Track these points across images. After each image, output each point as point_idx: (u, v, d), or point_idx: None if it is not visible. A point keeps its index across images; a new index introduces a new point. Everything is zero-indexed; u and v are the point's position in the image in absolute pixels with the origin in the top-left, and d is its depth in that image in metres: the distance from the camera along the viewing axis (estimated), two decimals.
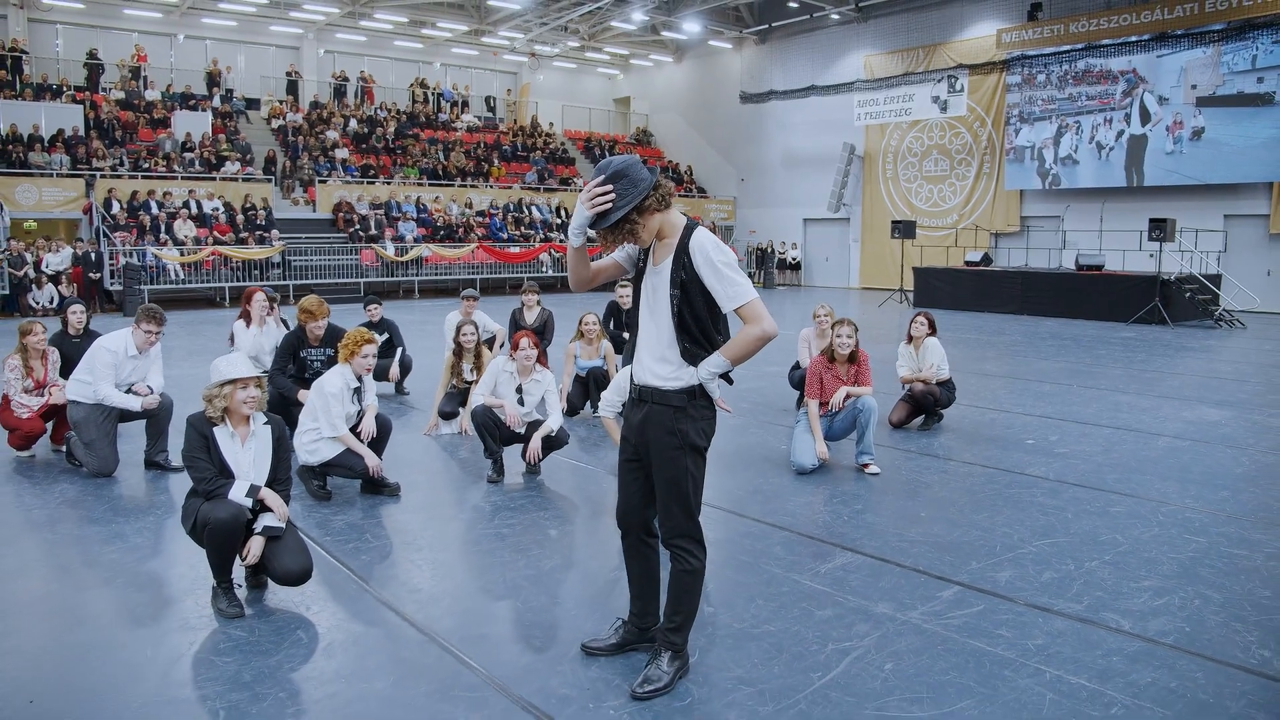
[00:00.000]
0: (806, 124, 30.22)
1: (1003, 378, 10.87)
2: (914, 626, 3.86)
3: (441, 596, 4.18)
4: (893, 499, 5.87)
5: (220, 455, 4.01)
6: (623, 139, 35.70)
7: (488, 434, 6.08)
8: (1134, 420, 8.25)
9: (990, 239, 25.46)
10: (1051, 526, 5.22)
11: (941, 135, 27.13)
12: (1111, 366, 11.80)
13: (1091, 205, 22.21)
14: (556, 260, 26.51)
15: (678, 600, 3.30)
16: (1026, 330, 16.66)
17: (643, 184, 3.04)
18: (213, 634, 3.76)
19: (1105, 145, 22.93)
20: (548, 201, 28.31)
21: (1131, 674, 3.44)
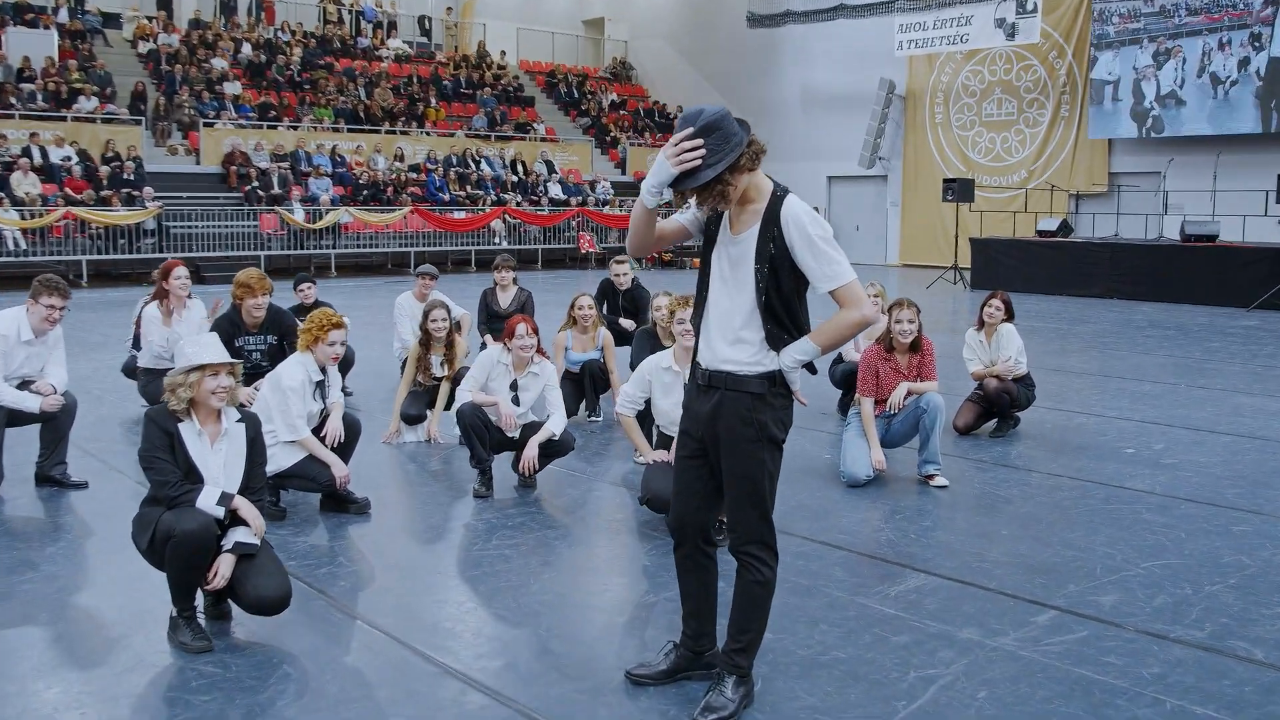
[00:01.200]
0: (833, 55, 30.83)
1: (1090, 375, 11.39)
2: (1007, 653, 4.31)
3: (448, 625, 4.58)
4: (966, 515, 6.33)
5: (187, 456, 4.39)
6: (595, 73, 36.22)
7: (476, 438, 6.49)
8: (1259, 426, 8.77)
9: (1069, 202, 26.13)
10: (1161, 547, 5.70)
11: (1008, 69, 27.80)
12: (1229, 362, 12.36)
13: (1203, 158, 22.81)
14: (514, 228, 26.93)
15: (746, 616, 3.71)
16: (1117, 318, 17.25)
17: (735, 140, 3.41)
18: (179, 671, 4.13)
19: (1225, 77, 23.48)
20: (500, 153, 28.74)
21: (1268, 705, 3.89)
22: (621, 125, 33.32)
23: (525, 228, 27.21)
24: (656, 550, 5.60)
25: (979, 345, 8.51)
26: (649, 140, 33.07)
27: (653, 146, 32.76)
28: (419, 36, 34.05)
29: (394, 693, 3.94)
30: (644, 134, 33.37)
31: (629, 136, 32.70)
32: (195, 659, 4.23)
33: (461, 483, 6.94)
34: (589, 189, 29.37)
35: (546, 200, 28.05)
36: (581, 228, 28.10)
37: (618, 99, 34.73)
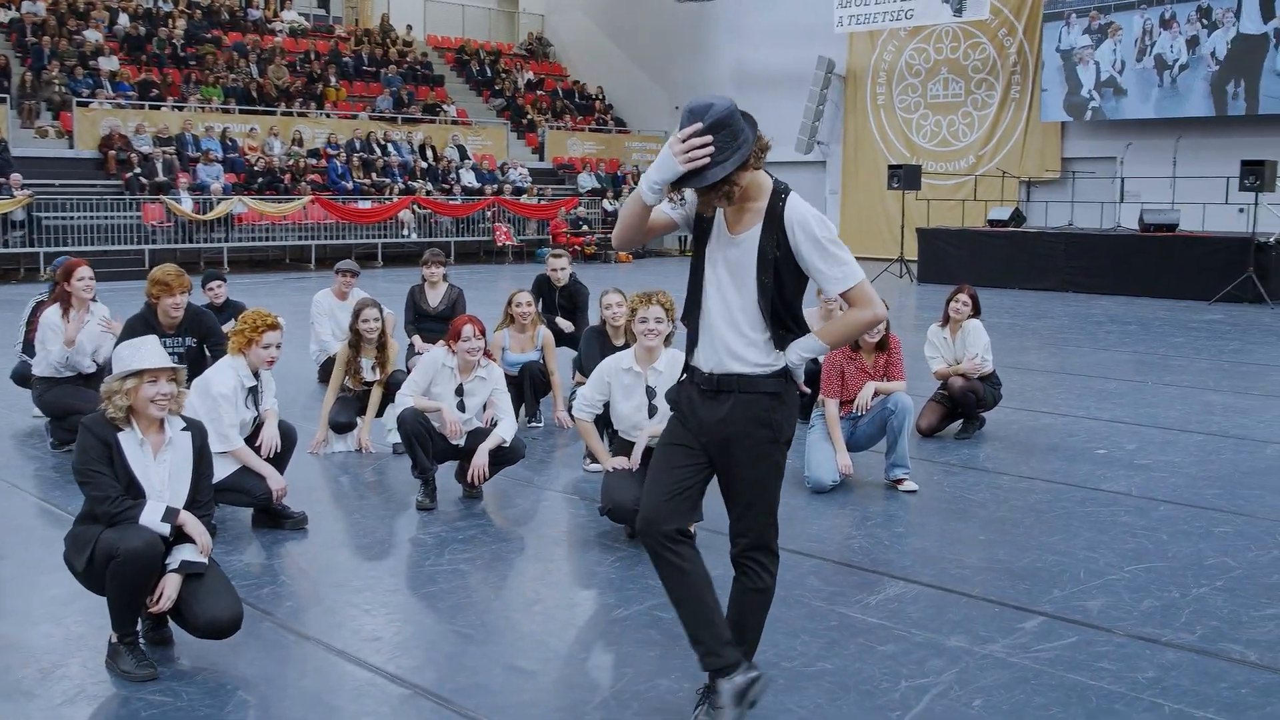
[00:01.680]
0: (768, 31, 31.23)
1: (1052, 373, 11.77)
2: (997, 660, 4.54)
3: (408, 644, 4.69)
4: (940, 520, 6.57)
5: (127, 468, 4.44)
6: (509, 49, 36.27)
7: (419, 446, 6.59)
8: (1233, 425, 9.16)
9: (1020, 189, 26.73)
10: (1144, 550, 5.98)
11: (954, 47, 28.40)
12: (1195, 358, 12.83)
13: (1162, 142, 23.48)
14: (424, 219, 26.90)
15: (744, 624, 3.87)
16: (1075, 312, 17.77)
17: (744, 138, 3.51)
18: (125, 701, 4.18)
19: (1171, 60, 24.27)
20: (408, 137, 28.68)
21: (1267, 707, 4.16)
22: (539, 107, 33.42)
23: (436, 218, 27.19)
24: (620, 562, 5.76)
25: (943, 342, 8.78)
26: (569, 123, 33.21)
27: (574, 130, 32.93)
28: (316, 9, 33.89)
29: (359, 715, 4.05)
30: (563, 116, 33.50)
31: (547, 119, 32.79)
32: (140, 688, 4.28)
33: (401, 494, 7.03)
34: (505, 176, 29.41)
35: (459, 189, 28.04)
36: (497, 218, 28.15)
37: (534, 78, 34.83)
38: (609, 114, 34.93)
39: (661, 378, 6.12)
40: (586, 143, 32.75)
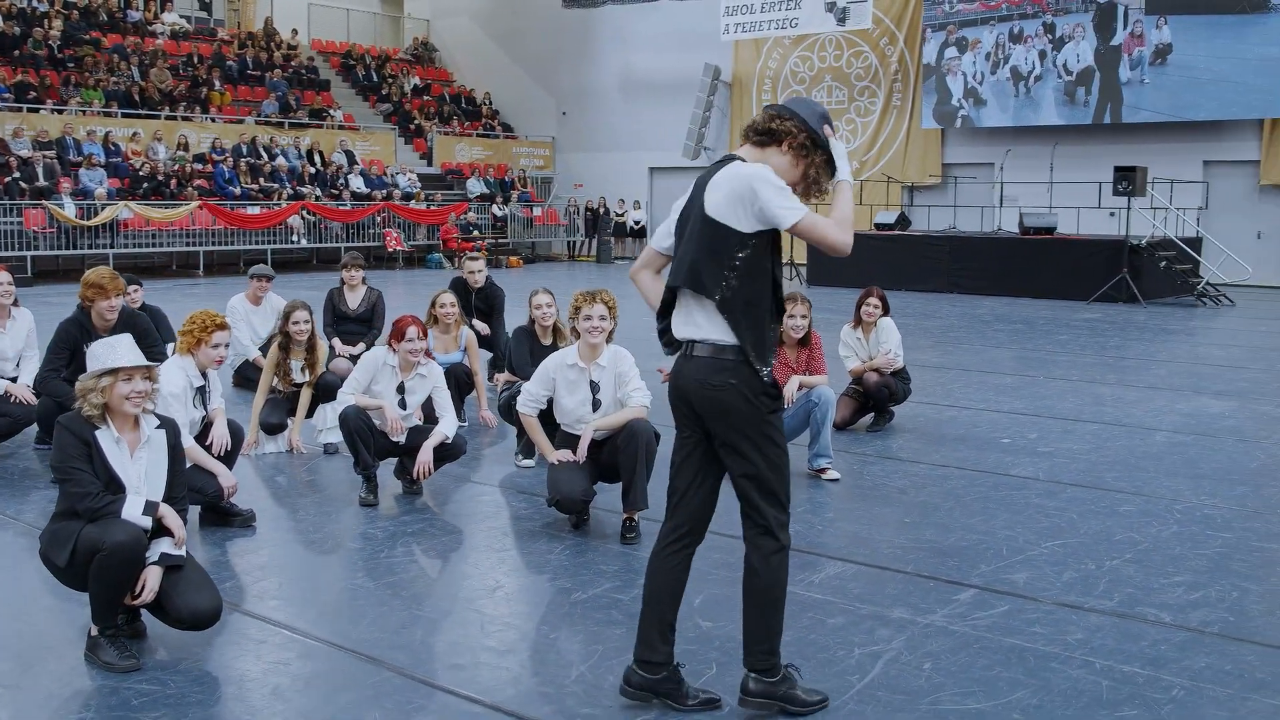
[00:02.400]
0: (655, 38, 31.66)
1: (951, 370, 12.29)
2: (940, 629, 4.88)
3: (384, 630, 4.87)
4: (866, 506, 6.93)
5: (106, 465, 4.54)
6: (395, 54, 36.15)
7: (362, 443, 6.74)
8: (1123, 414, 9.72)
9: (904, 194, 27.51)
10: (1058, 528, 6.40)
11: (838, 55, 29.12)
12: (1080, 354, 13.48)
13: (1039, 148, 24.44)
14: (313, 225, 26.73)
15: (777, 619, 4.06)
16: (962, 312, 18.43)
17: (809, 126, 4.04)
18: (114, 691, 4.27)
19: (1026, 71, 25.49)
20: (295, 142, 28.48)
21: (1184, 660, 4.56)
22: (426, 112, 33.38)
23: (326, 224, 27.06)
24: (570, 550, 5.99)
25: (856, 342, 9.17)
26: (457, 129, 33.23)
27: (461, 135, 32.97)
28: (197, 11, 33.41)
29: (355, 696, 4.23)
30: (451, 121, 33.50)
31: (435, 125, 32.78)
32: (125, 679, 4.37)
33: (340, 492, 7.17)
34: (393, 182, 29.35)
35: (348, 194, 27.93)
36: (387, 224, 28.11)
37: (421, 83, 34.78)
38: (496, 119, 35.02)
39: (604, 373, 6.36)
40: (474, 148, 32.82)
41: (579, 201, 33.05)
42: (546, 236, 32.76)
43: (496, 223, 30.50)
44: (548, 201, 33.42)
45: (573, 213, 32.98)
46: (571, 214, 32.99)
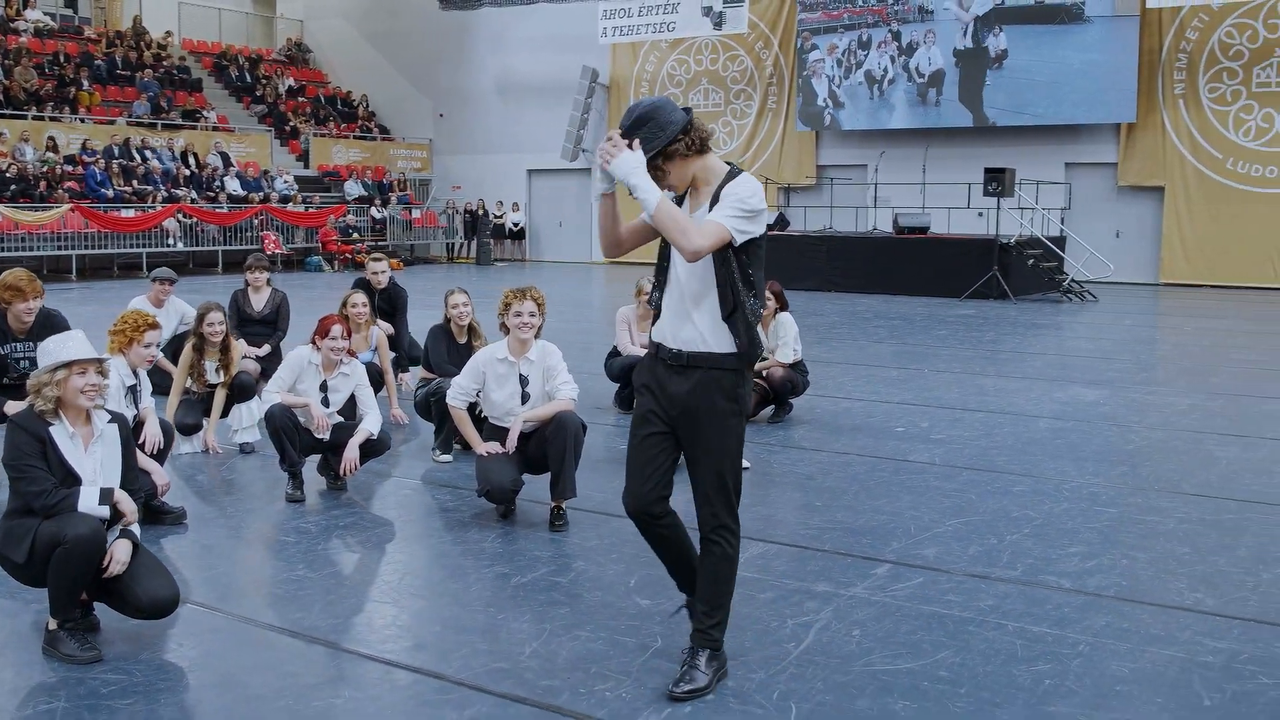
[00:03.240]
0: (533, 41, 31.85)
1: (839, 364, 12.75)
2: (862, 600, 5.23)
3: (339, 615, 5.05)
4: (778, 491, 7.28)
5: (62, 460, 4.63)
6: (269, 54, 35.73)
7: (288, 440, 6.87)
8: (1005, 403, 10.25)
9: (780, 195, 28.12)
10: (959, 508, 6.82)
11: (714, 59, 29.65)
12: (959, 348, 14.08)
13: (912, 150, 25.27)
14: (189, 228, 26.37)
15: (718, 593, 4.28)
16: (842, 310, 19.00)
17: (672, 127, 3.98)
18: (80, 682, 4.35)
19: (880, 74, 26.65)
20: (169, 144, 28.04)
21: (1085, 620, 4.97)
22: (301, 114, 33.08)
23: (202, 227, 26.71)
24: (502, 538, 6.21)
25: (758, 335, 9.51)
26: (333, 130, 33.01)
27: (338, 136, 32.76)
28: (63, 9, 32.61)
29: (320, 678, 4.41)
30: (327, 123, 33.27)
31: (311, 126, 32.52)
32: (89, 670, 4.46)
33: (263, 490, 7.28)
34: (270, 184, 29.07)
35: (225, 196, 27.60)
36: (265, 226, 27.83)
37: (295, 84, 34.44)
38: (372, 121, 34.85)
39: (533, 367, 6.60)
40: (351, 150, 32.65)
41: (457, 204, 33.07)
42: (425, 239, 32.72)
43: (376, 225, 30.39)
44: (426, 204, 33.38)
45: (451, 215, 32.98)
46: (450, 216, 32.99)
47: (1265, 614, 5.07)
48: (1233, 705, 4.15)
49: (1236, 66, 23.74)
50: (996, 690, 4.26)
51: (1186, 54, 24.15)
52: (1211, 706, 4.14)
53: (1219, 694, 4.25)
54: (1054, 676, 4.39)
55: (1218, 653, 4.63)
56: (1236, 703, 4.17)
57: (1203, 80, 24.05)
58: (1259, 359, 13.32)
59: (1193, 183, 24.18)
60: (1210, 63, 23.97)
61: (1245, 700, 4.19)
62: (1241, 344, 14.69)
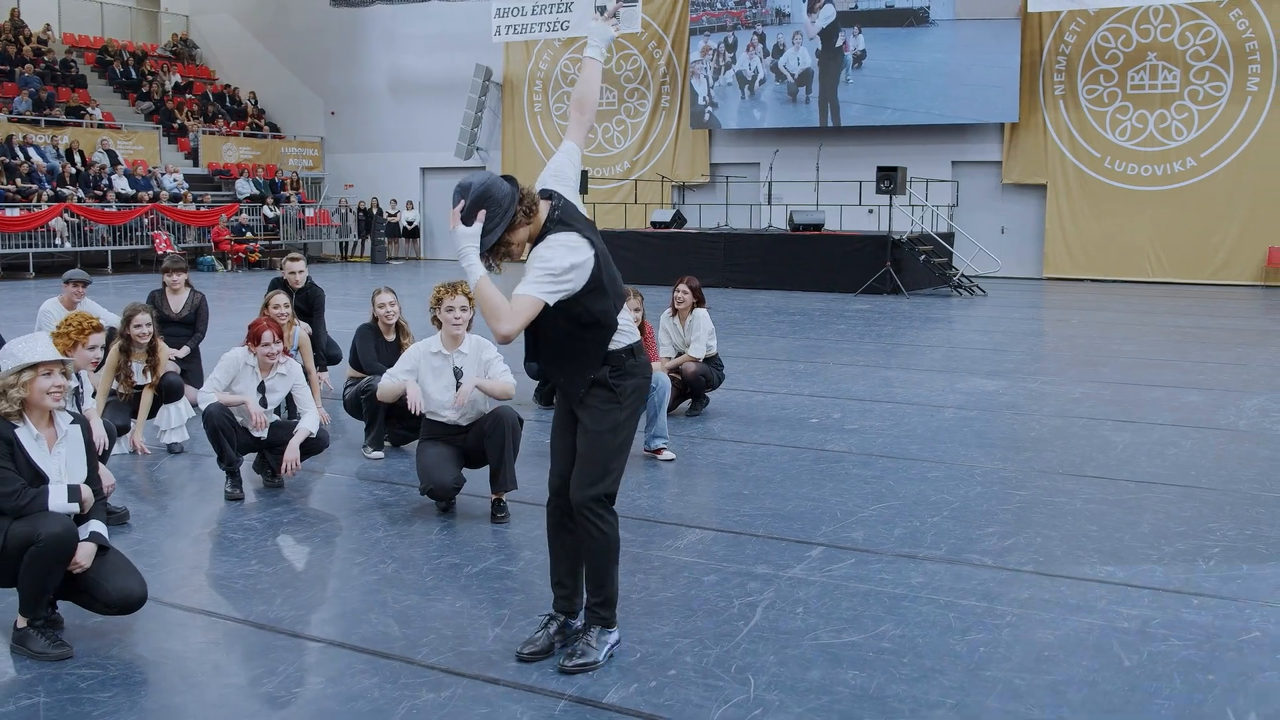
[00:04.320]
0: (425, 39, 31.82)
1: (745, 359, 13.09)
2: (801, 580, 5.53)
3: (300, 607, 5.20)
4: (706, 481, 7.58)
5: (29, 461, 4.71)
6: (153, 49, 35.13)
7: (225, 439, 6.96)
8: (910, 395, 10.67)
9: (675, 193, 28.51)
10: (879, 494, 7.17)
11: (608, 57, 29.79)
12: (859, 342, 14.54)
13: (803, 149, 25.83)
14: (77, 227, 25.88)
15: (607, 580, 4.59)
16: (740, 305, 19.40)
17: (507, 200, 4.22)
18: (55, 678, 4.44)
19: (750, 75, 27.48)
20: (53, 140, 27.49)
21: (1010, 593, 5.34)
22: (189, 111, 32.61)
23: (91, 226, 26.21)
24: (446, 530, 6.40)
25: (673, 329, 9.81)
26: (223, 128, 32.58)
27: (228, 135, 32.35)
28: None
29: (294, 667, 4.57)
30: (216, 121, 32.83)
31: (200, 124, 32.07)
32: (63, 665, 4.57)
33: (200, 489, 7.38)
34: (160, 183, 28.63)
35: (113, 195, 27.12)
36: (156, 226, 27.42)
37: (182, 81, 33.92)
38: (262, 119, 34.47)
39: (467, 360, 6.80)
40: (242, 148, 32.27)
41: (350, 202, 32.88)
42: (319, 237, 32.47)
43: (268, 224, 30.09)
44: (319, 202, 33.13)
45: (345, 213, 32.78)
46: (344, 214, 32.79)
47: (1169, 583, 5.49)
48: (1150, 665, 4.54)
49: (1112, 69, 24.70)
50: (937, 659, 4.59)
51: (1065, 57, 25.06)
52: (1131, 666, 4.52)
53: (1137, 655, 4.63)
54: (987, 645, 4.73)
55: (1131, 619, 5.03)
56: (1153, 662, 4.56)
57: (1081, 82, 24.97)
58: (1141, 350, 13.97)
59: (1073, 181, 25.09)
60: (1088, 65, 24.90)
61: (1160, 660, 4.58)
62: (1124, 335, 15.37)
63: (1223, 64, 23.72)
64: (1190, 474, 7.66)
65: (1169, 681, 4.39)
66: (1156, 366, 12.54)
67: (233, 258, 28.23)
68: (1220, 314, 18.44)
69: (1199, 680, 4.40)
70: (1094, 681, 4.38)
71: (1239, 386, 11.11)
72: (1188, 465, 7.91)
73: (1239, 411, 9.81)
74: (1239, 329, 16.36)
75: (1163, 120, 24.35)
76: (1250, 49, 23.46)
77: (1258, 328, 16.71)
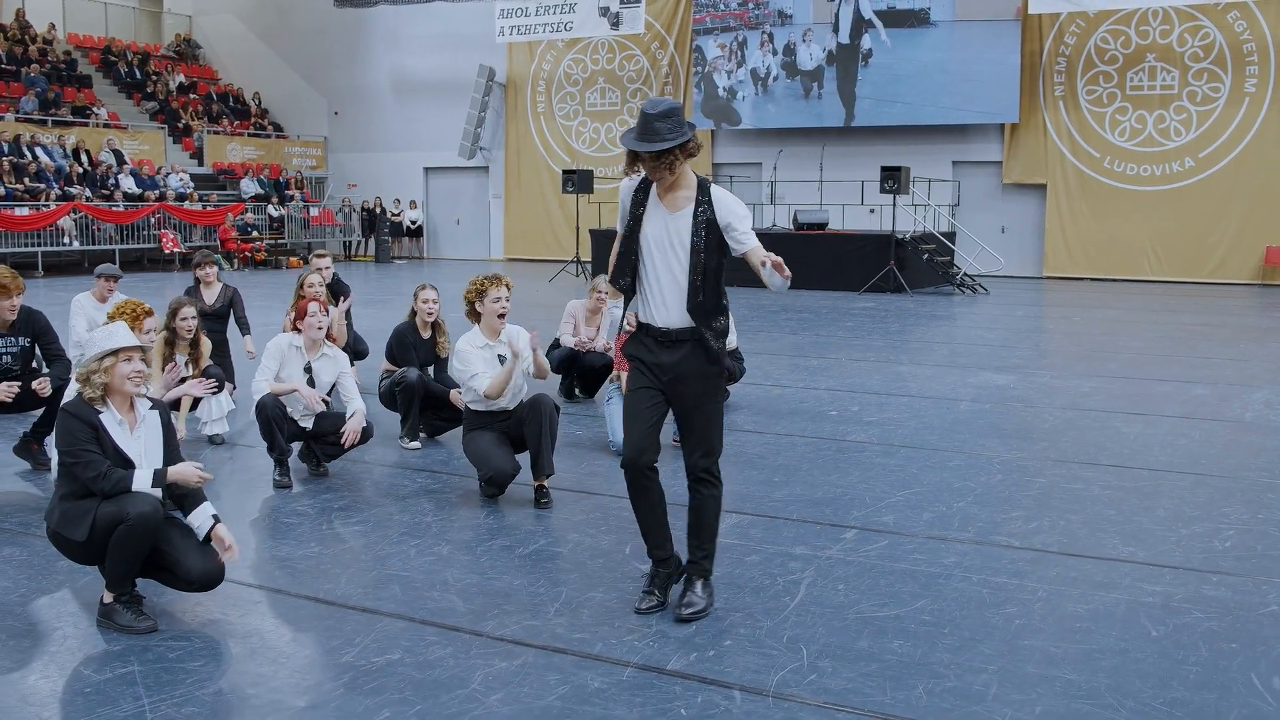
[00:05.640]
0: (428, 39, 32.07)
1: (761, 354, 13.37)
2: (839, 560, 5.82)
3: (367, 584, 5.48)
4: (736, 469, 7.84)
5: (114, 445, 4.96)
6: (157, 49, 35.37)
7: (278, 430, 7.23)
8: (924, 388, 10.97)
9: None
10: (904, 481, 7.46)
11: (610, 58, 30.19)
12: (869, 338, 14.83)
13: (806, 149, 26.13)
14: (85, 226, 26.12)
15: (711, 528, 5.08)
16: (748, 304, 19.65)
17: (685, 129, 4.72)
18: (145, 650, 4.69)
19: (764, 73, 27.76)
20: (60, 140, 27.71)
21: (1038, 571, 5.63)
22: (194, 111, 32.84)
23: (99, 225, 26.46)
24: (494, 515, 6.68)
25: None
26: (227, 127, 32.83)
27: (232, 134, 32.59)
28: None
29: (369, 640, 4.85)
30: (220, 120, 33.07)
31: (204, 124, 32.30)
32: (149, 638, 4.83)
33: (248, 479, 7.65)
34: (165, 182, 28.86)
35: (120, 195, 27.35)
36: (162, 225, 27.66)
37: (186, 81, 34.15)
38: (266, 119, 34.70)
39: (507, 349, 7.06)
40: (246, 148, 32.50)
41: (354, 201, 33.13)
42: (323, 237, 32.68)
43: (273, 223, 30.34)
44: (323, 201, 33.37)
45: (349, 212, 33.03)
46: (348, 214, 33.04)
47: (1189, 562, 5.79)
48: (1175, 635, 4.83)
49: (1112, 70, 25.03)
50: (975, 630, 4.88)
51: (1065, 58, 25.39)
52: (1158, 637, 4.81)
53: (1163, 627, 4.92)
54: (1022, 617, 5.02)
55: (1155, 595, 5.32)
56: (1178, 633, 4.85)
57: (1080, 83, 25.31)
58: (1146, 345, 14.28)
59: (1073, 181, 25.42)
60: (1087, 66, 25.23)
61: (1185, 630, 4.87)
62: (1128, 332, 15.69)
63: (1221, 65, 24.07)
64: (1201, 463, 7.96)
65: (1195, 650, 4.68)
66: (1162, 362, 12.84)
67: (239, 256, 28.47)
68: (1220, 312, 18.77)
69: (1223, 648, 4.69)
70: (1124, 650, 4.67)
71: (1243, 381, 11.42)
72: (1198, 455, 8.22)
73: (1244, 404, 10.12)
74: (1239, 326, 16.69)
75: (1161, 121, 24.70)
76: (1248, 50, 23.80)
77: (1258, 325, 17.04)
